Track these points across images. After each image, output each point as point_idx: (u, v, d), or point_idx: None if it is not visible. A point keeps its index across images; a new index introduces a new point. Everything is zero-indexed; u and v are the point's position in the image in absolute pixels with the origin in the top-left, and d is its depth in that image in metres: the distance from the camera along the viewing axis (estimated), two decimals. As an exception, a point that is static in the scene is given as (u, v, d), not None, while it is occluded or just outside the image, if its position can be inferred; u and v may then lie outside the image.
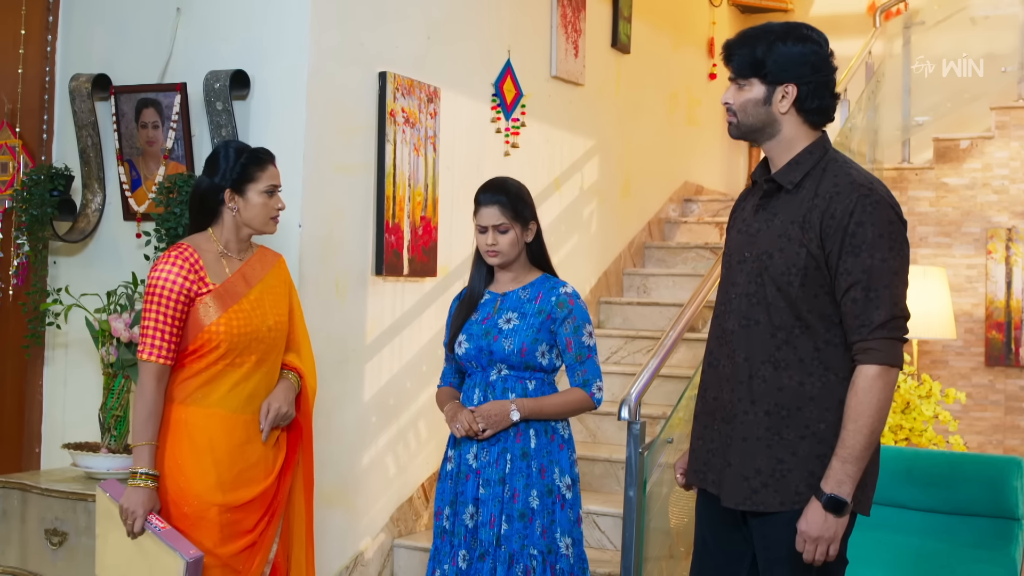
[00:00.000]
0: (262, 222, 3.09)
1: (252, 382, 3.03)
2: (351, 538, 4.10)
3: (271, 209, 3.10)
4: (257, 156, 3.10)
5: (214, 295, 2.98)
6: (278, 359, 3.13)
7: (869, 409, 2.31)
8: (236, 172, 3.05)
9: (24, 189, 4.06)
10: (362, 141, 4.12)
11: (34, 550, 3.63)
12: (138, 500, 2.88)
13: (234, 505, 2.95)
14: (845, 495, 2.32)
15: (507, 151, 5.04)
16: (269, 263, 3.19)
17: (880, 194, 2.37)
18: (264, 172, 3.08)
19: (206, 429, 2.96)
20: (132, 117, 4.06)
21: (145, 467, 2.90)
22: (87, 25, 4.31)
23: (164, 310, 2.93)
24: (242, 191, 3.05)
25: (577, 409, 3.21)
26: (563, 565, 3.15)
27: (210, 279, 3.00)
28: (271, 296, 3.12)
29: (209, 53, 3.97)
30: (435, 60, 4.53)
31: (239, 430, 3.00)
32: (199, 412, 2.97)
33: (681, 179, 7.06)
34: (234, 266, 3.08)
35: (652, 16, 6.52)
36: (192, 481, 2.93)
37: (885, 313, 2.31)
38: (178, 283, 2.94)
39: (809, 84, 2.45)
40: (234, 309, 2.99)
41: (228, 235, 3.09)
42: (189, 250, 3.01)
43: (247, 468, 2.99)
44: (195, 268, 2.98)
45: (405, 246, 4.28)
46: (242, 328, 2.99)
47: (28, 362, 4.29)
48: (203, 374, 2.98)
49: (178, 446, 2.95)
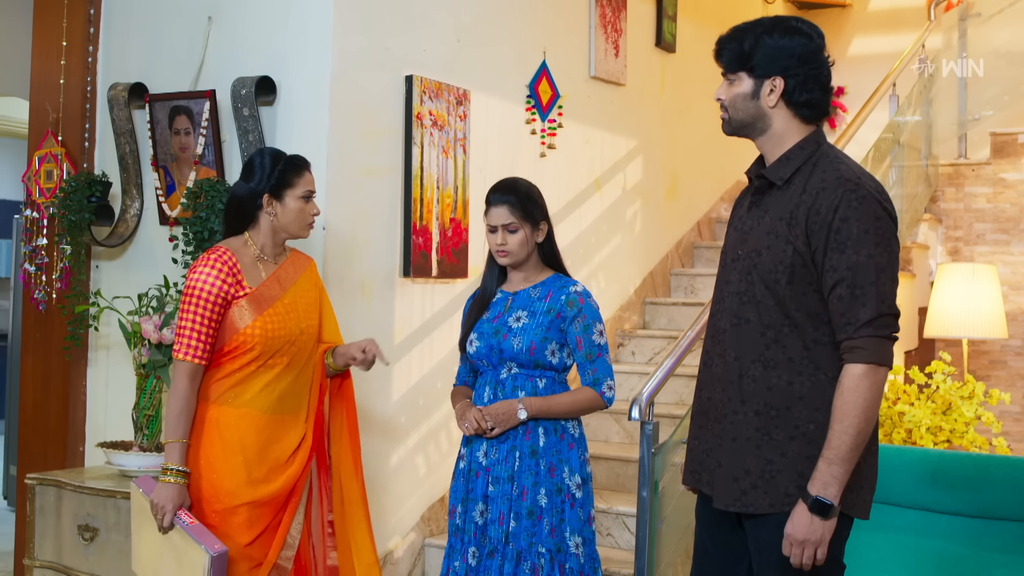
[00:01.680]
0: (299, 227, 3.17)
1: (283, 384, 3.11)
2: (380, 537, 4.12)
3: (307, 215, 3.18)
4: (295, 162, 3.18)
5: (250, 298, 3.06)
6: (308, 362, 3.20)
7: (855, 409, 2.26)
8: (275, 178, 3.13)
9: (64, 195, 4.19)
10: (388, 144, 4.16)
11: (68, 545, 3.74)
12: (168, 496, 2.96)
13: (261, 501, 3.02)
14: (831, 498, 2.27)
15: (543, 152, 5.04)
16: (302, 267, 3.26)
17: (867, 189, 2.32)
18: (301, 178, 3.16)
19: (237, 429, 3.03)
20: (166, 124, 4.16)
21: (175, 463, 2.98)
22: (125, 36, 4.43)
23: (201, 311, 3.01)
24: (280, 196, 3.13)
25: (587, 408, 3.21)
26: (572, 564, 3.14)
27: (247, 282, 3.08)
28: (304, 300, 3.20)
29: (238, 60, 4.05)
30: (465, 63, 4.55)
31: (269, 429, 3.08)
32: (230, 412, 3.05)
33: (734, 178, 6.98)
34: (269, 270, 3.16)
35: (700, 15, 6.46)
36: (223, 478, 3.01)
37: (871, 311, 2.27)
38: (216, 285, 3.02)
39: (797, 77, 2.41)
40: (269, 312, 3.07)
41: (264, 239, 3.16)
42: (227, 253, 3.08)
43: (276, 466, 3.07)
44: (233, 271, 3.06)
45: (434, 248, 4.31)
46: (276, 331, 3.06)
47: (72, 363, 4.41)
48: (236, 375, 3.06)
49: (210, 445, 3.03)
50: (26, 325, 4.64)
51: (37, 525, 3.83)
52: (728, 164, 6.86)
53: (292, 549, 3.11)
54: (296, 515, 3.11)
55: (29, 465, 4.45)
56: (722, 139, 7.18)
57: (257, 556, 3.03)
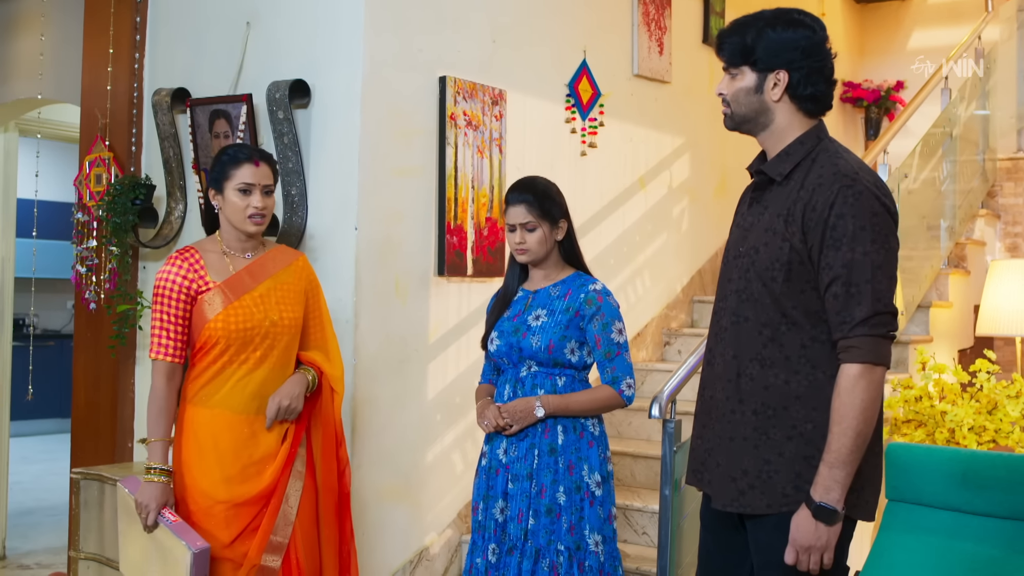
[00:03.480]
0: (239, 220, 3.11)
1: (256, 379, 3.08)
2: (415, 533, 4.19)
3: (246, 207, 3.10)
4: (234, 155, 3.13)
5: (215, 292, 3.06)
6: (286, 356, 3.16)
7: (852, 410, 2.22)
8: (216, 172, 3.13)
9: (109, 199, 4.31)
10: (422, 144, 4.20)
11: (109, 537, 3.86)
12: (151, 495, 2.99)
13: (239, 501, 3.02)
14: (834, 502, 2.24)
15: (583, 151, 5.05)
16: (285, 261, 3.23)
17: (864, 184, 2.28)
18: (238, 170, 3.10)
19: (210, 428, 3.04)
20: (206, 128, 4.25)
21: (158, 463, 3.02)
22: (170, 42, 4.55)
23: (167, 309, 3.05)
24: (221, 190, 3.12)
25: (605, 406, 3.21)
26: (591, 562, 3.15)
27: (211, 277, 3.08)
28: (279, 292, 3.16)
29: (274, 64, 4.13)
30: (501, 63, 4.58)
31: (243, 428, 3.07)
32: (204, 412, 3.06)
33: (787, 175, 6.89)
34: (239, 264, 3.14)
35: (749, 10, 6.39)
36: (197, 478, 3.02)
37: (867, 309, 2.22)
38: (177, 282, 3.05)
39: (801, 70, 2.38)
40: (233, 305, 3.06)
41: (227, 234, 3.17)
42: (191, 251, 3.12)
43: (251, 464, 3.06)
44: (195, 267, 3.08)
45: (469, 247, 4.35)
46: (241, 323, 3.05)
47: (120, 362, 4.54)
48: (207, 371, 3.06)
49: (186, 445, 3.05)
50: (78, 325, 4.78)
51: (82, 518, 3.96)
52: (781, 161, 6.77)
53: (280, 550, 3.06)
54: (282, 516, 3.08)
55: (82, 461, 4.59)
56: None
57: (239, 557, 3.02)
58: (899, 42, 7.74)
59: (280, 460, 3.10)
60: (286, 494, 3.10)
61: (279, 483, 3.09)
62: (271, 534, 3.06)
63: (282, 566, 3.08)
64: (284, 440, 3.14)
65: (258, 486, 3.05)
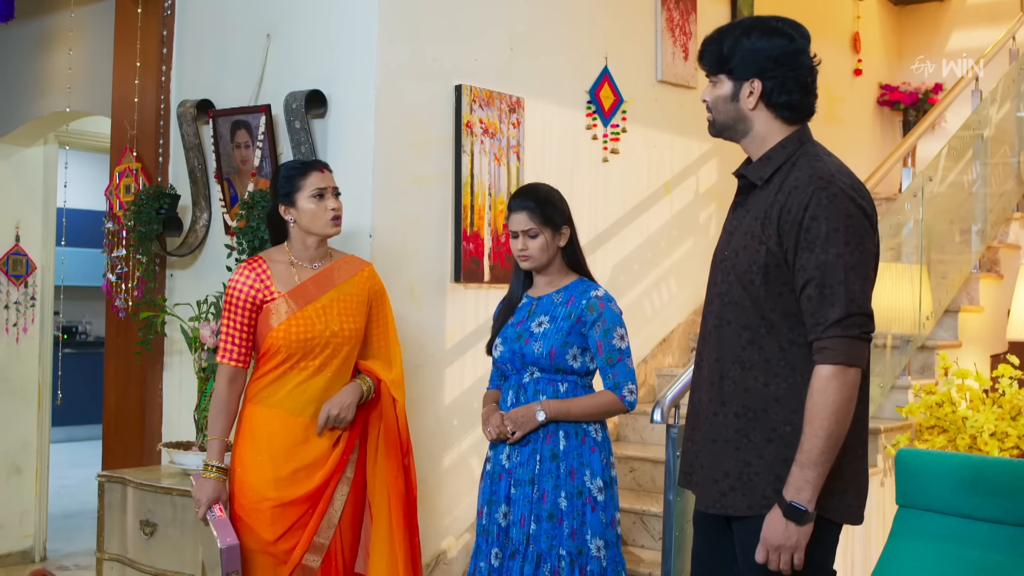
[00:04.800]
0: (320, 225, 3.26)
1: (313, 386, 3.21)
2: (432, 537, 4.23)
3: (324, 211, 3.25)
4: (301, 166, 3.30)
5: (280, 302, 3.19)
6: (346, 365, 3.28)
7: (824, 411, 2.23)
8: (282, 187, 3.27)
9: (135, 208, 4.42)
10: (438, 152, 4.25)
11: (132, 539, 3.95)
12: (204, 490, 3.14)
13: (285, 501, 3.14)
14: (804, 503, 2.24)
15: (605, 157, 5.06)
16: (351, 271, 3.35)
17: (839, 186, 2.28)
18: (306, 179, 3.26)
19: (266, 427, 3.18)
20: (228, 138, 4.35)
21: (215, 460, 3.16)
22: (195, 55, 4.65)
23: (233, 316, 3.20)
24: (292, 202, 3.25)
25: (607, 412, 3.23)
26: (593, 567, 3.17)
27: (276, 287, 3.21)
28: (342, 303, 3.28)
29: (293, 75, 4.21)
30: (519, 71, 4.61)
31: (297, 431, 3.19)
32: (262, 411, 3.20)
33: (821, 179, 6.84)
34: (305, 274, 3.27)
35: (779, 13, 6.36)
36: (249, 473, 3.16)
37: (840, 310, 2.23)
38: (244, 291, 3.19)
39: (774, 79, 2.39)
40: (297, 315, 3.19)
41: (297, 245, 3.30)
42: (259, 260, 3.25)
43: (302, 467, 3.18)
44: (262, 277, 3.21)
45: (486, 253, 4.39)
46: (302, 334, 3.17)
47: (148, 367, 4.65)
48: (269, 375, 3.21)
49: (242, 441, 3.20)
50: (109, 332, 4.90)
51: (106, 520, 4.05)
52: (813, 165, 6.73)
53: (320, 551, 3.20)
54: (327, 518, 3.20)
55: (112, 464, 4.71)
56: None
57: (282, 554, 3.14)
58: (938, 44, 7.65)
59: (331, 464, 3.21)
60: (333, 498, 3.22)
61: (328, 487, 3.21)
62: (315, 535, 3.18)
63: (322, 567, 3.20)
64: (336, 445, 3.25)
65: (306, 488, 3.16)
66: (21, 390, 5.90)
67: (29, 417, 5.94)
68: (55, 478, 7.68)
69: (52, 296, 6.04)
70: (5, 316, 5.82)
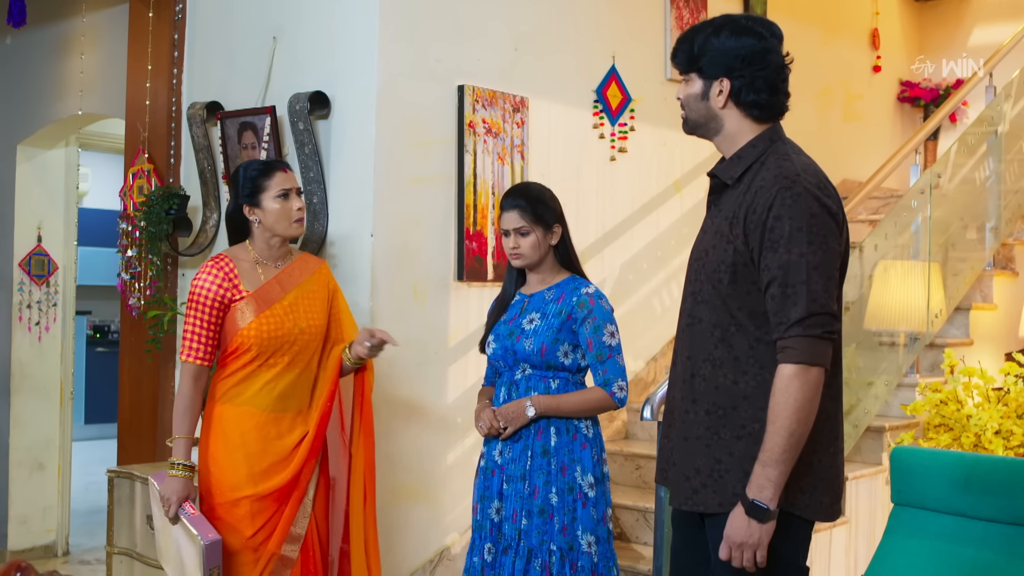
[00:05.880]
0: (284, 226, 3.30)
1: (283, 382, 3.26)
2: (435, 533, 4.28)
3: (289, 212, 3.29)
4: (264, 167, 3.32)
5: (247, 301, 3.23)
6: (311, 360, 3.33)
7: (786, 410, 2.24)
8: (247, 187, 3.30)
9: (145, 209, 4.50)
10: (440, 152, 4.30)
11: (140, 533, 4.03)
12: (173, 488, 3.16)
13: (263, 494, 3.19)
14: (766, 500, 2.26)
15: (613, 156, 5.08)
16: (309, 269, 3.41)
17: (804, 186, 2.29)
18: (271, 179, 3.29)
19: (238, 426, 3.21)
20: (236, 139, 4.41)
21: (181, 458, 3.19)
22: (205, 58, 4.73)
23: (200, 315, 3.23)
24: (257, 203, 3.29)
25: (597, 408, 3.25)
26: (584, 562, 3.20)
27: (244, 286, 3.25)
28: (306, 300, 3.34)
29: (297, 77, 4.27)
30: (523, 71, 4.64)
31: (269, 426, 3.24)
32: (232, 410, 3.23)
33: (838, 177, 6.80)
34: (270, 273, 3.32)
35: (794, 11, 6.35)
36: (226, 473, 3.20)
37: (802, 310, 2.24)
38: (213, 290, 3.22)
39: (743, 78, 2.41)
40: (266, 314, 3.23)
41: (260, 245, 3.34)
42: (225, 259, 3.28)
43: (278, 461, 3.23)
44: (229, 276, 3.25)
45: (489, 252, 4.42)
46: (273, 332, 3.22)
47: (160, 365, 4.73)
48: (238, 374, 3.24)
49: (215, 441, 3.23)
50: (124, 330, 4.99)
51: (116, 515, 4.14)
52: (830, 162, 6.66)
53: (297, 541, 3.24)
54: (301, 508, 3.25)
55: (127, 460, 4.80)
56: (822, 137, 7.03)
57: (260, 548, 3.18)
58: (960, 40, 7.58)
59: (302, 454, 3.25)
60: (307, 487, 3.27)
61: (301, 476, 3.25)
62: (291, 525, 3.22)
63: (301, 555, 3.24)
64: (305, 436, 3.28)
65: (283, 479, 3.21)
66: (43, 388, 6.02)
67: (51, 414, 6.05)
68: (84, 475, 7.84)
69: (74, 295, 6.15)
70: (28, 315, 5.93)
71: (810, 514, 2.38)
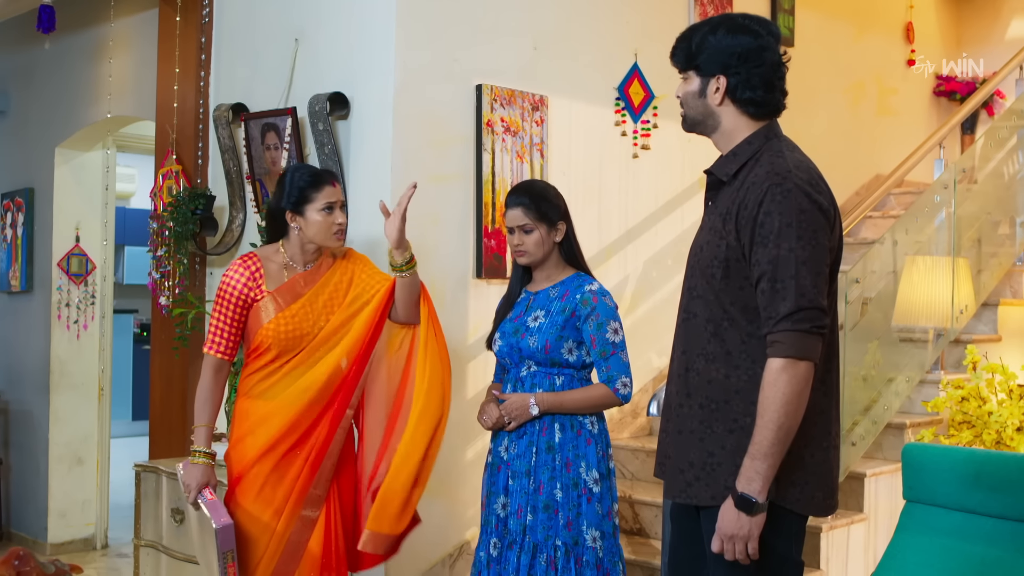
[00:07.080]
0: (324, 238, 3.35)
1: (309, 376, 3.31)
2: (454, 528, 4.33)
3: (330, 225, 3.34)
4: (314, 178, 3.36)
5: (269, 299, 3.30)
6: (336, 353, 3.34)
7: (775, 404, 2.26)
8: (294, 195, 3.34)
9: (172, 209, 4.60)
10: (459, 151, 4.34)
11: (165, 526, 4.12)
12: (194, 475, 3.27)
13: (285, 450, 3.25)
14: (754, 493, 2.28)
15: (635, 153, 5.09)
16: (330, 264, 3.42)
17: (794, 182, 2.32)
18: (320, 192, 3.33)
19: (265, 422, 3.28)
20: (259, 140, 4.50)
21: (202, 446, 3.28)
22: (231, 60, 4.82)
23: (224, 310, 3.31)
24: (301, 212, 3.33)
25: (600, 404, 3.28)
26: (589, 557, 3.23)
27: (267, 286, 3.32)
28: (327, 295, 3.37)
29: (318, 78, 4.34)
30: (543, 69, 4.67)
31: (295, 416, 3.29)
32: (260, 405, 3.31)
33: (871, 172, 6.77)
34: (295, 274, 3.37)
35: (825, 5, 6.32)
36: (248, 452, 3.26)
37: (790, 304, 2.26)
38: (239, 288, 3.30)
39: (739, 75, 2.43)
40: (284, 314, 3.29)
41: (294, 250, 3.39)
42: (254, 258, 3.36)
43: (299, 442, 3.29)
44: (255, 276, 3.32)
45: (508, 250, 4.45)
46: (291, 332, 3.28)
47: (190, 362, 4.83)
48: (262, 371, 3.32)
49: (242, 437, 3.30)
50: (154, 328, 5.10)
51: (142, 508, 4.24)
52: (861, 157, 6.67)
53: (319, 503, 3.28)
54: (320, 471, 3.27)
55: (158, 454, 4.91)
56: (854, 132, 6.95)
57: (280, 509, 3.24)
58: (997, 33, 7.48)
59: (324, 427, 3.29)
60: (328, 451, 3.31)
61: (327, 439, 3.29)
62: (311, 487, 3.28)
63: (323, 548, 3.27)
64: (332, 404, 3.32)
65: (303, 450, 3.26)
66: (82, 384, 6.16)
67: (90, 411, 6.20)
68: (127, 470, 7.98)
69: (111, 294, 6.29)
70: (67, 314, 6.08)
71: (802, 508, 2.40)
